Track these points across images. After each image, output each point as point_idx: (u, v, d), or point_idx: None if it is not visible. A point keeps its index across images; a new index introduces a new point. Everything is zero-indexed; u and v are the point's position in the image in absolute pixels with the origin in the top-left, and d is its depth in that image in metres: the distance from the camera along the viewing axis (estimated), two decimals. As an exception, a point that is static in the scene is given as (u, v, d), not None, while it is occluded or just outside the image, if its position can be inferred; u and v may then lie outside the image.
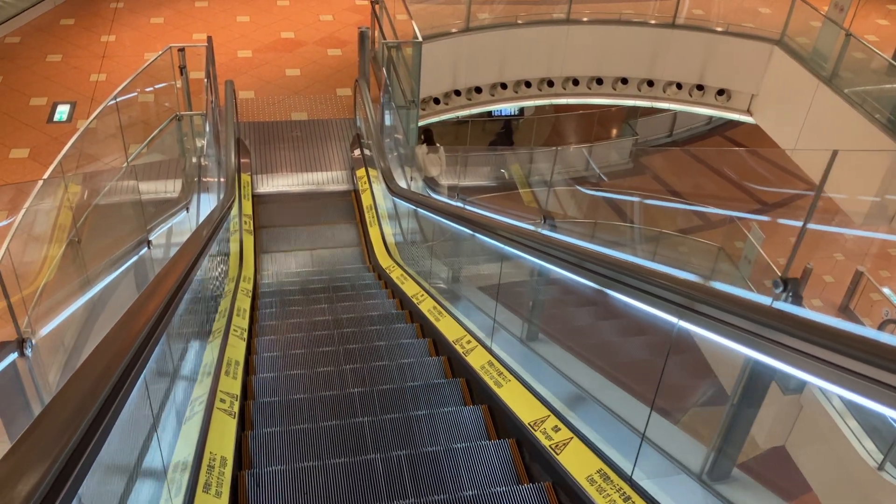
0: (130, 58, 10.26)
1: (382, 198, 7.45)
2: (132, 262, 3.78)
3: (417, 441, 3.23)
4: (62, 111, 9.02)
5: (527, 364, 3.24)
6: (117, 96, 6.44)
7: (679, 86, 11.07)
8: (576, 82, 11.06)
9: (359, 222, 8.03)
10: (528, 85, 10.88)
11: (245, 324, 4.50)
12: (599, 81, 11.11)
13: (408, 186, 7.31)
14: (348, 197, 8.58)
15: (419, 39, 7.76)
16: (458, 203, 5.55)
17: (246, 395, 3.73)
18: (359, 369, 4.06)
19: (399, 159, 8.00)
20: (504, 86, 10.76)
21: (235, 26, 11.43)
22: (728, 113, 11.25)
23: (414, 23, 7.97)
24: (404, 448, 3.17)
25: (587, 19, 10.53)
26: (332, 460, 2.99)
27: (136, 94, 7.58)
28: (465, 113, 10.77)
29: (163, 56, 7.50)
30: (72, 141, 5.93)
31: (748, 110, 11.03)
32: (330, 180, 8.80)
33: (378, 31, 9.38)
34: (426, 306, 4.68)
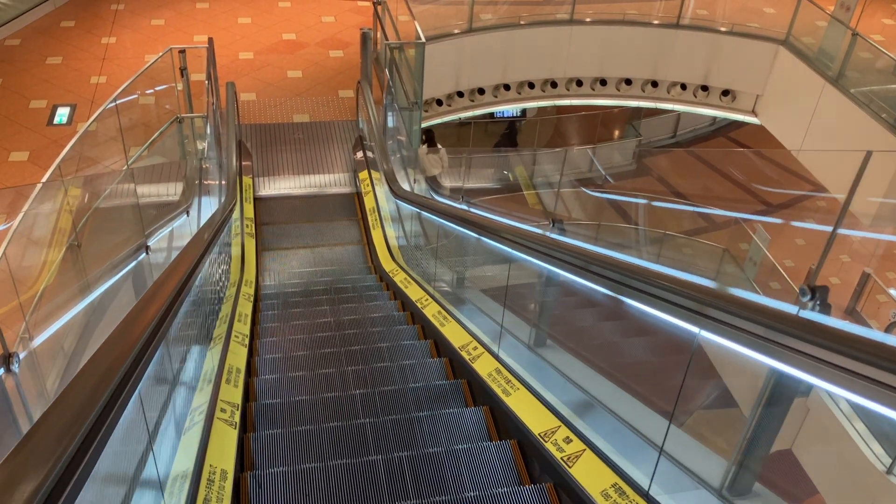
0: (131, 60, 10.20)
1: (385, 200, 7.37)
2: (130, 269, 3.70)
3: (419, 442, 3.22)
4: (62, 114, 8.95)
5: (535, 371, 3.15)
6: (117, 98, 6.37)
7: (683, 86, 10.99)
8: (579, 83, 10.98)
9: (361, 225, 7.96)
10: (532, 86, 10.81)
11: (247, 329, 4.42)
12: (603, 82, 11.03)
13: (411, 189, 7.24)
14: (351, 199, 8.51)
15: (422, 40, 7.69)
16: (462, 205, 5.47)
17: (248, 397, 3.71)
18: (361, 371, 4.05)
19: (402, 161, 7.92)
20: (507, 87, 10.69)
21: (237, 28, 11.37)
22: (733, 114, 11.16)
23: (417, 23, 7.90)
24: (406, 449, 3.16)
25: (591, 20, 10.46)
26: (333, 461, 2.99)
27: (136, 96, 7.52)
28: (467, 115, 10.71)
29: (163, 58, 7.43)
30: (71, 143, 5.86)
31: (753, 111, 10.95)
32: (332, 183, 8.73)
33: (380, 32, 9.31)
34: (430, 311, 4.60)
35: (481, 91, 10.53)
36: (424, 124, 9.32)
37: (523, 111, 13.76)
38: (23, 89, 9.36)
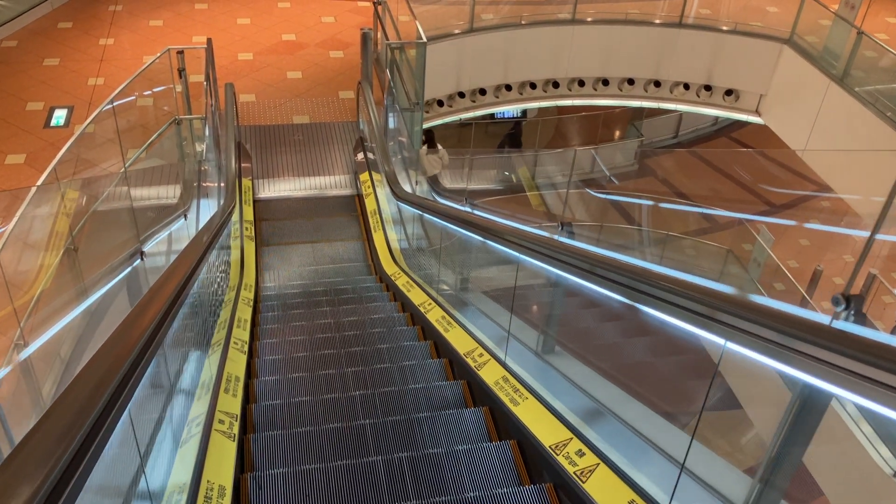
0: (129, 61, 10.10)
1: (386, 202, 7.27)
2: (124, 275, 3.60)
3: (419, 443, 3.22)
4: (59, 116, 8.86)
5: (544, 379, 3.05)
6: (114, 100, 6.28)
7: (686, 86, 10.89)
8: (581, 83, 10.88)
9: (363, 227, 7.86)
10: (533, 86, 10.72)
11: (246, 335, 4.32)
12: (605, 82, 10.94)
13: (413, 190, 7.13)
14: (352, 201, 8.41)
15: (423, 40, 7.59)
16: (465, 207, 5.37)
17: (248, 399, 3.70)
18: (361, 372, 4.01)
19: (403, 162, 7.82)
20: (509, 87, 10.59)
21: (236, 29, 11.28)
22: (736, 113, 11.07)
23: (418, 23, 7.80)
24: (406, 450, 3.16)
25: (593, 19, 10.37)
26: (334, 462, 2.98)
27: (134, 97, 7.42)
28: (469, 115, 10.62)
29: (161, 59, 7.33)
30: (67, 146, 5.75)
31: (757, 111, 10.86)
32: (333, 185, 8.63)
33: (381, 32, 9.21)
34: (434, 316, 4.50)
35: (482, 91, 10.44)
36: (425, 125, 9.23)
37: (524, 112, 13.66)
38: (19, 91, 9.27)
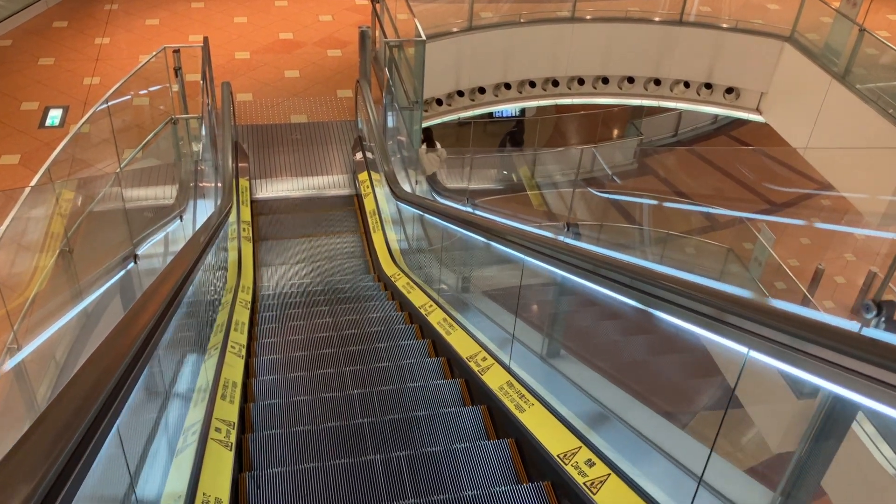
0: (125, 60, 10.00)
1: (386, 202, 7.19)
2: (117, 279, 3.52)
3: (417, 441, 3.22)
4: (54, 116, 8.76)
5: (550, 385, 2.97)
6: (109, 99, 6.19)
7: (687, 84, 10.82)
8: (581, 82, 10.81)
9: (361, 228, 7.78)
10: (533, 85, 10.64)
11: (244, 339, 4.23)
12: (605, 80, 10.86)
13: (412, 190, 7.05)
14: (350, 201, 8.33)
15: (422, 38, 7.51)
16: (467, 208, 5.29)
17: (246, 398, 3.67)
18: (359, 372, 3.96)
19: (402, 162, 7.73)
20: (508, 86, 10.52)
21: (233, 27, 11.18)
22: (737, 112, 11.00)
23: (417, 21, 7.72)
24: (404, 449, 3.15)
25: (592, 17, 10.29)
26: (332, 461, 2.97)
27: (129, 97, 7.34)
28: (468, 114, 10.54)
29: (157, 58, 7.25)
30: (61, 146, 5.66)
31: (757, 109, 10.79)
32: (331, 184, 8.55)
33: (379, 30, 9.13)
34: (435, 318, 4.42)
35: (482, 90, 10.36)
36: (424, 124, 9.15)
37: (522, 111, 13.59)
38: (14, 91, 9.17)
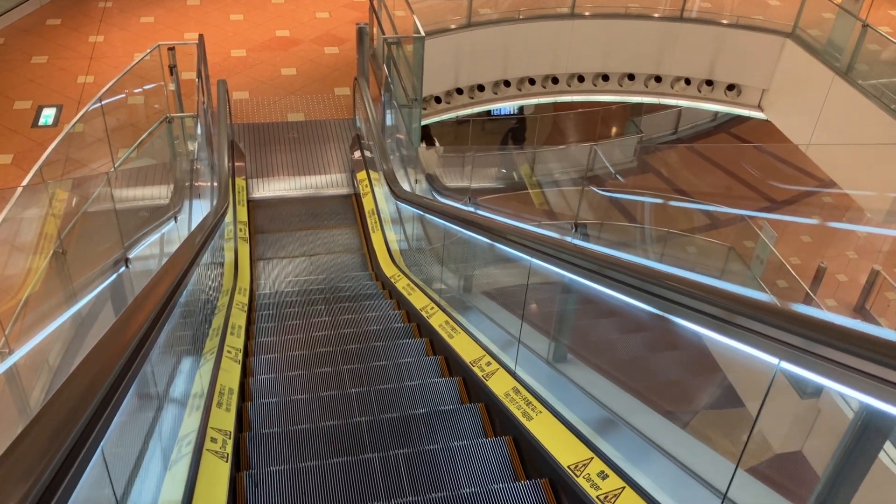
0: (120, 59, 9.88)
1: (385, 202, 7.07)
2: (109, 283, 3.40)
3: (415, 440, 3.20)
4: (48, 115, 8.63)
5: (559, 391, 2.86)
6: (102, 98, 6.08)
7: (688, 81, 10.72)
8: (581, 79, 10.70)
9: (360, 228, 7.67)
10: (532, 82, 10.53)
11: (240, 343, 4.12)
12: (605, 78, 10.76)
13: (412, 189, 6.94)
14: (349, 201, 8.21)
15: (421, 34, 7.40)
16: (469, 207, 5.18)
17: (244, 397, 3.63)
18: (356, 370, 3.91)
19: (402, 160, 7.62)
20: (507, 83, 10.41)
21: (228, 25, 11.06)
22: (738, 109, 10.91)
23: (416, 17, 7.61)
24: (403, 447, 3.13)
25: (592, 13, 10.19)
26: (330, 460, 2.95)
27: (123, 95, 7.22)
28: (466, 112, 10.44)
29: (152, 55, 7.13)
30: (53, 145, 5.55)
31: (759, 105, 10.69)
32: (329, 184, 8.44)
33: (377, 27, 9.02)
34: (437, 321, 4.31)
35: (481, 88, 10.25)
36: (422, 122, 9.04)
37: (521, 108, 13.48)
38: (7, 90, 9.04)
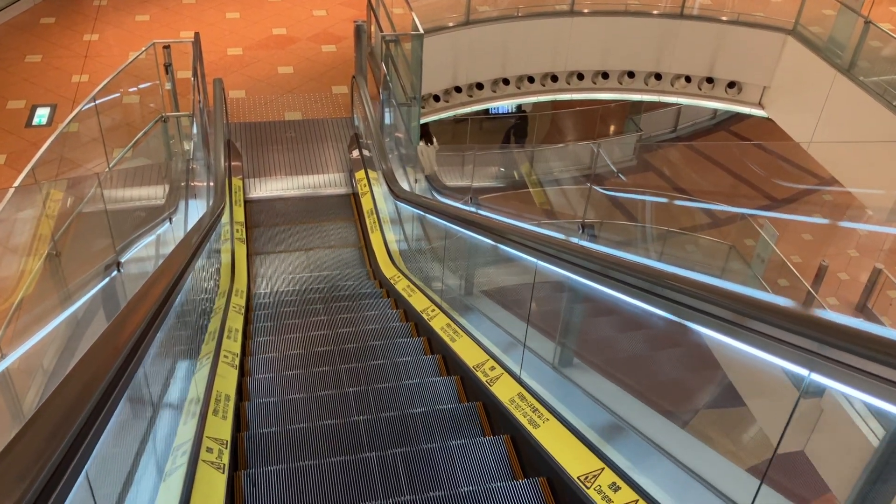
0: (115, 57, 9.77)
1: (384, 201, 6.98)
2: (98, 289, 3.32)
3: (413, 439, 3.19)
4: (42, 114, 8.53)
5: (567, 397, 2.77)
6: (97, 97, 5.98)
7: (688, 79, 10.64)
8: (580, 77, 10.62)
9: (359, 228, 7.57)
10: (532, 80, 10.45)
11: (237, 347, 4.03)
12: (605, 75, 10.68)
13: (411, 188, 6.84)
14: (347, 200, 8.12)
15: (420, 32, 7.31)
16: (470, 207, 5.09)
17: (242, 397, 3.61)
18: (354, 369, 3.89)
19: (401, 159, 7.52)
20: (506, 81, 10.32)
21: (225, 23, 10.96)
22: (739, 106, 10.83)
23: (414, 14, 7.52)
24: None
25: (591, 10, 10.11)
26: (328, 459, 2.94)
27: (118, 94, 7.12)
28: (465, 110, 10.36)
29: (147, 54, 7.03)
30: (46, 145, 5.45)
31: (760, 103, 10.62)
32: (327, 183, 8.34)
33: (375, 24, 8.92)
34: (438, 323, 4.22)
35: (479, 86, 10.16)
36: (421, 121, 8.95)
37: (519, 107, 13.40)
38: (0, 89, 8.93)
